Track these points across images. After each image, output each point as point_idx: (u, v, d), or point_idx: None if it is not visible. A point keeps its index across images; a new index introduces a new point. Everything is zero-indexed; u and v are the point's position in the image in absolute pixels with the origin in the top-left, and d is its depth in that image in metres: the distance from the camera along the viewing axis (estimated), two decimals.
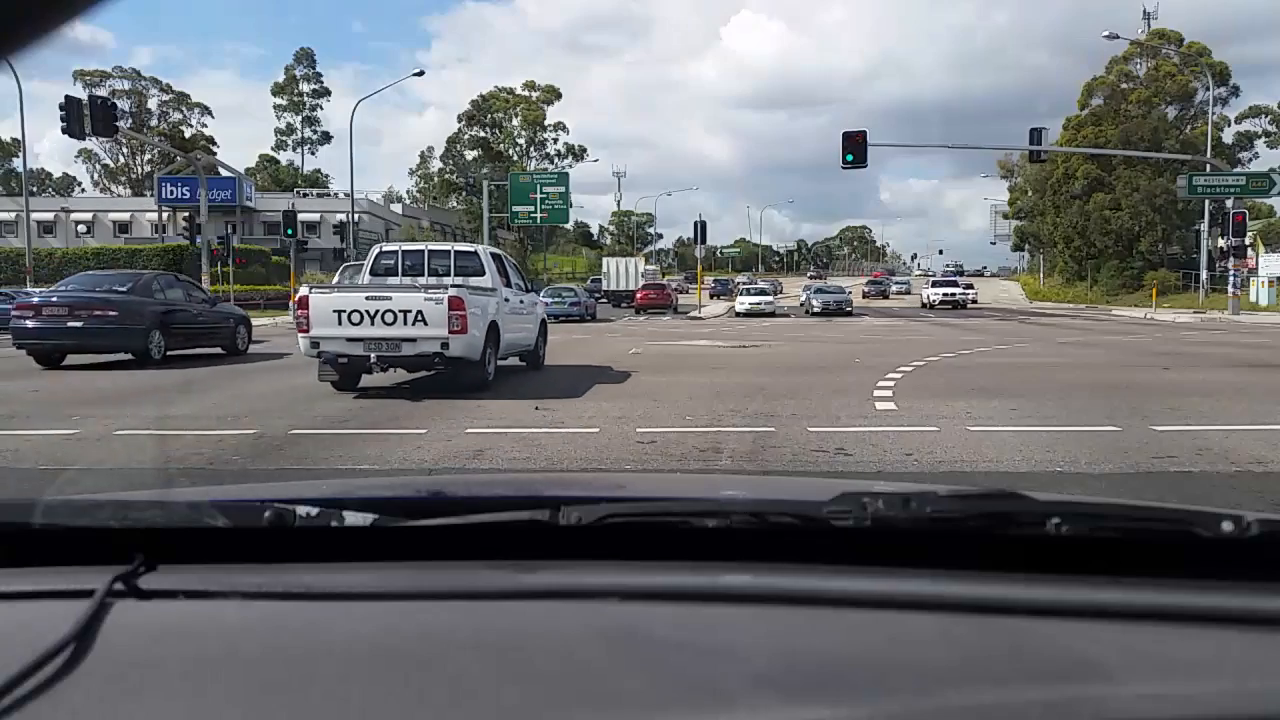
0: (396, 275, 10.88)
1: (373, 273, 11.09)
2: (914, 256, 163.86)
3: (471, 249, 11.56)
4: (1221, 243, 33.31)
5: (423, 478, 4.80)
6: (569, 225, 78.33)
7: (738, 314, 36.11)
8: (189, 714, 0.69)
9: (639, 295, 40.16)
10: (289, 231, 36.35)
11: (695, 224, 39.80)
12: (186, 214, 37.95)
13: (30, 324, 12.73)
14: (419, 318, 8.82)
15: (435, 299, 8.86)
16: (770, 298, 37.78)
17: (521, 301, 11.51)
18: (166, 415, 8.15)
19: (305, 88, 79.27)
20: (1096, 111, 51.73)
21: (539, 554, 0.93)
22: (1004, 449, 6.15)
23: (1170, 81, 49.77)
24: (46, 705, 0.69)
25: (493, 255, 11.47)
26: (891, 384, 10.00)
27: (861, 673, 0.72)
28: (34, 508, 0.97)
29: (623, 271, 45.76)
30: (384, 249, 11.65)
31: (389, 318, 8.82)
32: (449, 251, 11.30)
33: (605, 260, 49.58)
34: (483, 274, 10.70)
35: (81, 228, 58.37)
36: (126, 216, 59.64)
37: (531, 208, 52.83)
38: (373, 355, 8.88)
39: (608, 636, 0.77)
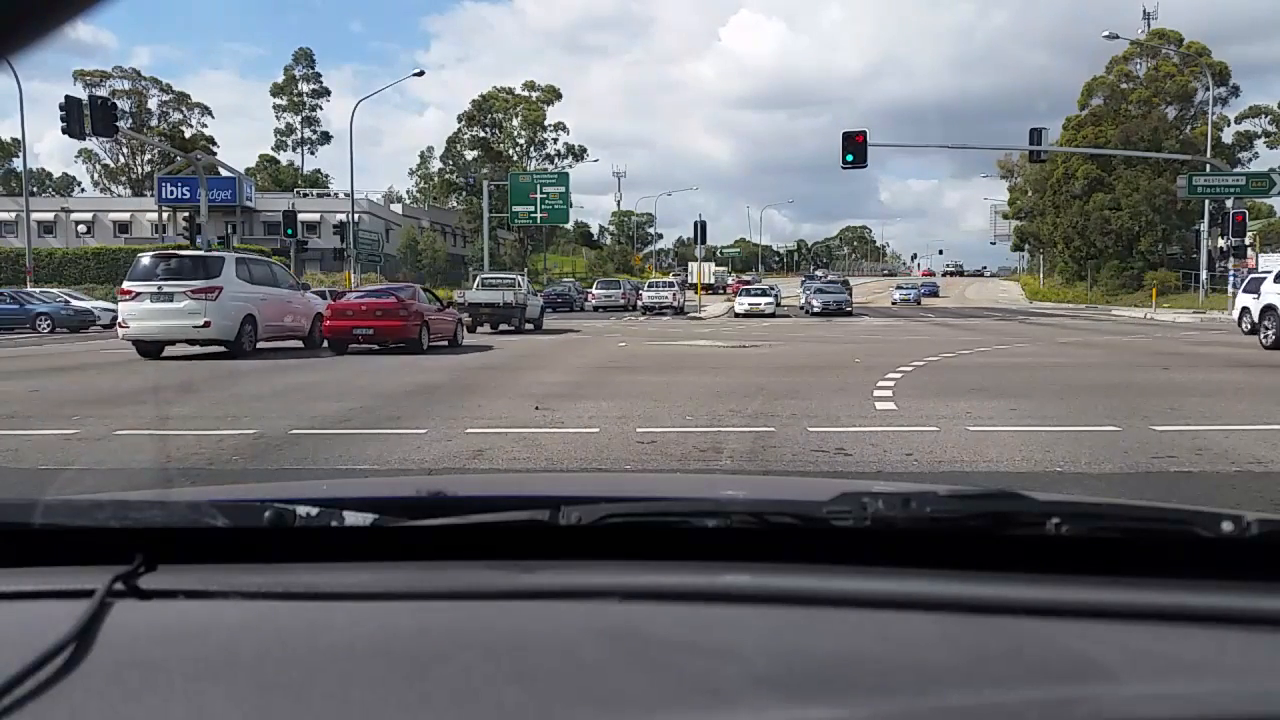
0: (658, 286, 41.93)
1: (650, 286, 42.98)
2: (914, 256, 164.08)
3: (671, 281, 47.07)
4: (1221, 243, 33.29)
5: (423, 478, 4.79)
6: (569, 225, 78.33)
7: (737, 314, 36.13)
8: (189, 714, 0.69)
9: (730, 287, 61.81)
10: (289, 231, 36.37)
11: (695, 224, 40.02)
12: (186, 214, 37.94)
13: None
14: (667, 297, 39.41)
15: (670, 290, 40.43)
16: (770, 298, 37.69)
17: (680, 289, 43.40)
18: (166, 415, 8.15)
19: (305, 88, 79.33)
20: (1096, 111, 51.79)
21: (539, 554, 0.93)
22: (1004, 449, 6.15)
23: (1170, 81, 49.82)
24: (46, 705, 0.69)
25: (681, 283, 47.95)
26: (891, 384, 10.00)
27: (861, 673, 0.72)
28: (34, 508, 0.97)
29: (701, 271, 72.57)
30: (651, 281, 48.62)
31: (659, 295, 39.76)
32: (671, 282, 45.14)
33: (690, 265, 76.04)
34: (675, 287, 42.01)
35: (81, 228, 58.35)
36: (126, 216, 59.62)
37: (531, 208, 52.85)
38: (656, 307, 38.79)
39: (608, 636, 0.77)
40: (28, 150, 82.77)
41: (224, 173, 50.61)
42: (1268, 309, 15.07)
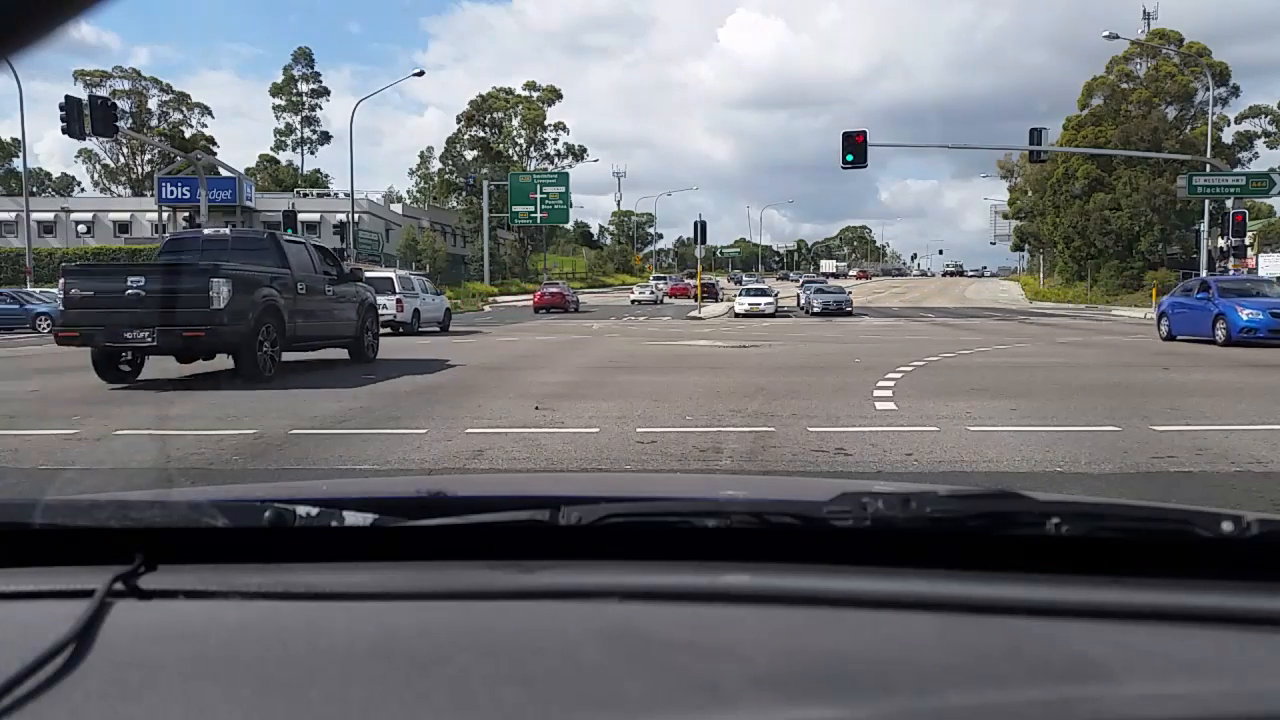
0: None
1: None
2: (914, 256, 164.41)
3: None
4: (1221, 243, 33.26)
5: (423, 478, 4.79)
6: (569, 225, 78.44)
7: (737, 315, 36.09)
8: (189, 714, 0.69)
9: (858, 275, 79.94)
10: (289, 231, 36.39)
11: (695, 224, 39.99)
12: (187, 214, 37.96)
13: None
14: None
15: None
16: (770, 298, 37.64)
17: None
18: (166, 415, 8.15)
19: (304, 88, 79.32)
20: (1096, 111, 51.76)
21: (539, 554, 0.93)
22: (1004, 449, 6.15)
23: (1170, 81, 49.79)
24: (46, 705, 0.69)
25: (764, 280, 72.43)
26: (891, 384, 10.00)
27: (862, 673, 0.72)
28: (34, 508, 0.97)
29: (827, 268, 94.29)
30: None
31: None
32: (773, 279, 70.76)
33: (821, 261, 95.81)
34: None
35: (81, 228, 58.30)
36: (126, 216, 59.55)
37: (531, 208, 52.91)
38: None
39: (608, 637, 0.77)
40: (28, 150, 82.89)
41: (224, 173, 50.61)
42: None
